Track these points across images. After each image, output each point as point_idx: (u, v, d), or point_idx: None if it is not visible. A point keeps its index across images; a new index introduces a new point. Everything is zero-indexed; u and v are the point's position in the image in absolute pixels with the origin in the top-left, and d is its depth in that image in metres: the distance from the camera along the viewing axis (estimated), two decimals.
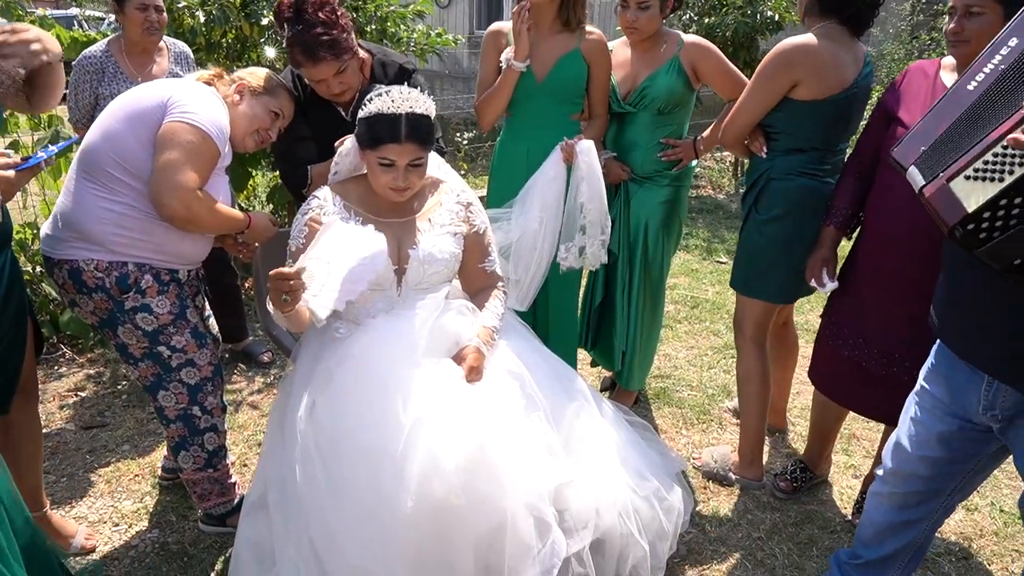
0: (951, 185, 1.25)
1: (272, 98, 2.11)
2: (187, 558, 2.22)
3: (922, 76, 2.01)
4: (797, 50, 2.20)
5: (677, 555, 2.24)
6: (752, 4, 5.98)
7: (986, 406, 1.49)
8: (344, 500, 1.69)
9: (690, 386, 3.32)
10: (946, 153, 1.30)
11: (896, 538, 1.82)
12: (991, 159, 1.19)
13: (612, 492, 1.95)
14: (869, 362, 2.16)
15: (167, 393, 2.06)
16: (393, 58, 2.42)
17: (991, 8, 1.76)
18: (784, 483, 2.58)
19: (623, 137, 2.77)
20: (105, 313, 1.95)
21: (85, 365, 3.39)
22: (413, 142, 1.81)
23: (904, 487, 1.75)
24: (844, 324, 2.23)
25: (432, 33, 4.69)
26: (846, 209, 2.20)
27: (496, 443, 1.72)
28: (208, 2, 3.64)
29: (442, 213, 1.98)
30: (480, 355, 1.87)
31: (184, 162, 1.82)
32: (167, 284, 1.97)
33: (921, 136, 1.37)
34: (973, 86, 1.29)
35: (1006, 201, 1.18)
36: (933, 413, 1.64)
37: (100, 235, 1.88)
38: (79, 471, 2.63)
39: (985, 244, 1.22)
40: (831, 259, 2.25)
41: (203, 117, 1.88)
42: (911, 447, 1.70)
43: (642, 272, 2.82)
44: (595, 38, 2.56)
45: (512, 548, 1.71)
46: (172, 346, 2.00)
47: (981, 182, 1.21)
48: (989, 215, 1.20)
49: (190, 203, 1.83)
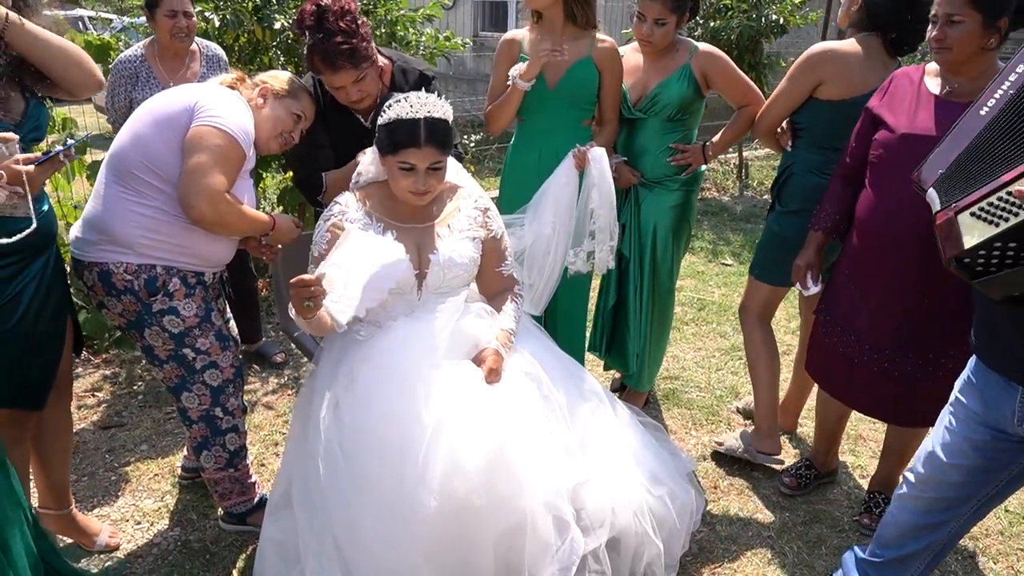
0: (958, 218, 1.32)
1: (294, 100, 2.16)
2: (209, 556, 2.26)
3: (907, 82, 2.09)
4: (824, 53, 2.37)
5: (689, 553, 2.28)
6: (757, 8, 6.02)
7: (1021, 417, 1.52)
8: (367, 498, 1.73)
9: (698, 387, 3.36)
10: (959, 183, 1.36)
11: (918, 540, 1.84)
12: (996, 202, 1.26)
13: (627, 492, 1.98)
14: (861, 358, 2.22)
15: (190, 395, 2.10)
16: (413, 65, 2.46)
17: (970, 16, 1.84)
18: (789, 479, 2.63)
19: (633, 142, 2.81)
20: (133, 315, 1.99)
21: (101, 366, 3.43)
22: (432, 146, 1.85)
23: (934, 492, 1.78)
24: (838, 321, 2.29)
25: (440, 36, 4.73)
26: (834, 215, 2.29)
27: (515, 443, 1.77)
28: (222, 7, 3.68)
29: (461, 218, 2.02)
30: (499, 357, 1.91)
31: (212, 165, 1.86)
32: (194, 287, 2.02)
33: (940, 159, 1.43)
34: (984, 111, 1.34)
35: (1000, 244, 1.26)
36: (967, 424, 1.67)
37: (130, 238, 1.92)
38: (99, 470, 2.67)
39: (980, 277, 1.30)
40: (816, 263, 2.35)
41: (230, 121, 1.92)
42: (945, 455, 1.72)
43: (651, 274, 2.86)
44: (607, 46, 2.61)
45: (532, 547, 1.76)
46: (197, 348, 2.05)
47: (983, 222, 1.28)
48: (984, 253, 1.28)
49: (218, 205, 1.87)
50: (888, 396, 2.22)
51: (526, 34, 2.65)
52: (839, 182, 2.29)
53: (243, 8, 3.73)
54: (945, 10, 1.87)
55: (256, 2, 3.82)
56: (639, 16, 2.60)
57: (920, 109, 2.01)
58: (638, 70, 2.75)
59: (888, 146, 2.06)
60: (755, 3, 6.01)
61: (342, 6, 2.13)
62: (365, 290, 1.73)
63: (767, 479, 2.71)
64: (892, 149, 2.04)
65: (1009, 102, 1.29)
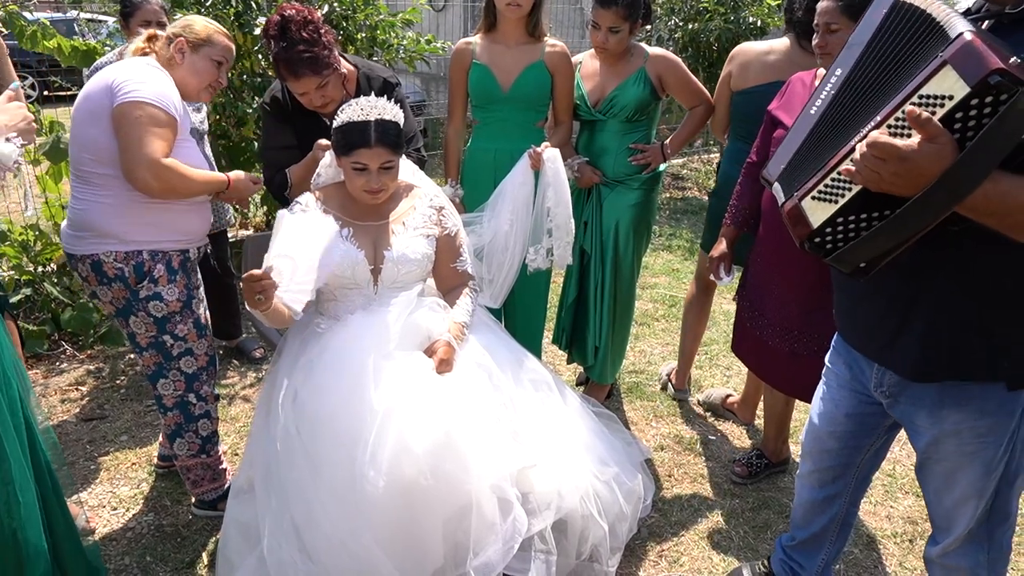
0: (802, 204, 1.45)
1: (211, 47, 2.16)
2: (180, 539, 2.37)
3: (800, 85, 2.28)
4: (737, 49, 2.81)
5: (639, 537, 2.40)
6: (736, 11, 6.14)
7: (875, 384, 1.66)
8: (322, 480, 1.84)
9: (662, 381, 3.47)
10: (798, 173, 1.49)
11: (822, 515, 1.98)
12: (830, 183, 1.39)
13: (574, 476, 2.09)
14: (773, 340, 2.40)
15: (166, 381, 2.24)
16: (377, 72, 2.57)
17: (845, 24, 2.11)
18: (740, 468, 2.76)
19: (594, 143, 2.93)
20: (122, 302, 2.13)
21: (85, 361, 3.54)
22: (383, 146, 1.97)
23: (820, 463, 1.92)
24: (753, 304, 2.48)
25: (422, 40, 4.84)
26: (745, 209, 2.50)
27: (462, 429, 1.87)
28: (202, 13, 3.79)
29: (415, 217, 2.13)
30: (450, 348, 2.02)
31: (141, 136, 1.95)
32: (176, 271, 2.15)
33: (783, 155, 1.56)
34: (814, 110, 1.49)
35: (842, 218, 1.38)
36: (839, 390, 1.81)
37: (109, 228, 2.06)
38: (79, 460, 2.78)
39: (831, 254, 1.42)
40: (728, 256, 2.54)
41: (147, 90, 1.98)
42: (820, 424, 1.88)
43: (613, 270, 2.97)
44: (558, 50, 2.73)
45: (478, 526, 1.86)
46: (175, 335, 2.19)
47: (823, 202, 1.41)
48: (830, 230, 1.40)
49: (160, 172, 1.97)
50: (798, 375, 2.39)
51: (479, 40, 2.78)
52: (746, 179, 2.49)
53: (224, 14, 3.84)
54: (825, 20, 2.14)
55: (237, 8, 3.93)
56: (594, 25, 2.72)
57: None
58: (597, 74, 2.87)
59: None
60: (733, 6, 6.12)
61: (304, 17, 2.24)
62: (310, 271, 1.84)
63: (721, 468, 2.83)
64: None
65: (831, 100, 1.43)
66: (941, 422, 1.56)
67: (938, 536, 1.73)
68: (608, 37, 2.70)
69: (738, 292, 2.59)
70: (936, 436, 1.58)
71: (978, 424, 1.52)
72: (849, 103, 1.40)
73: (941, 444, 1.59)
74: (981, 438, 1.53)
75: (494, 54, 2.75)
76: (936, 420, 1.57)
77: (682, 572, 2.31)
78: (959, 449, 1.56)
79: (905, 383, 1.59)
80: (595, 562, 2.12)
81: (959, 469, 1.59)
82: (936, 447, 1.60)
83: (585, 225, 2.94)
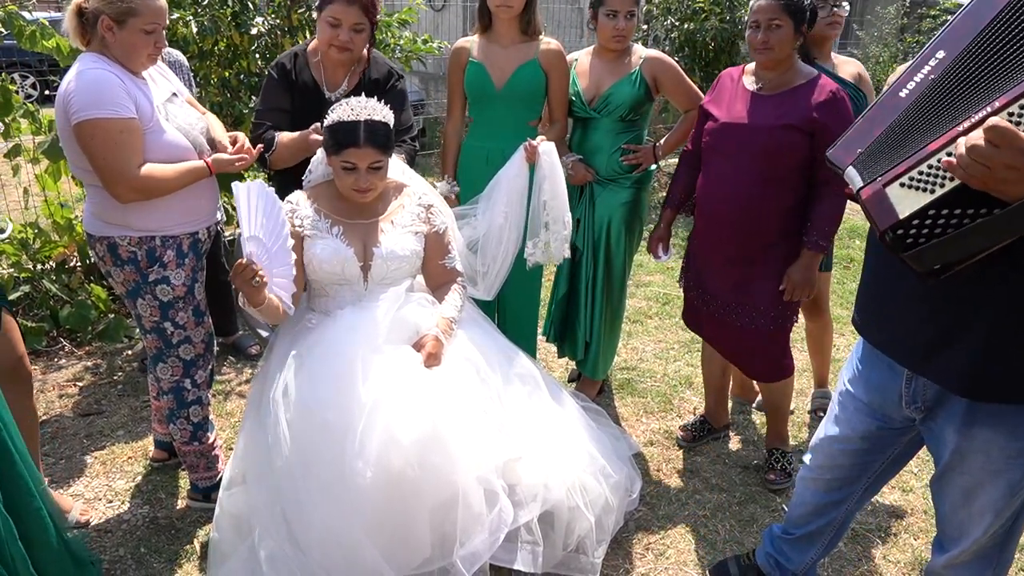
0: (887, 190, 1.32)
1: (136, 17, 2.01)
2: (174, 531, 2.41)
3: (729, 80, 2.51)
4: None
5: (626, 530, 2.43)
6: (731, 11, 6.17)
7: (908, 400, 1.61)
8: (311, 471, 1.88)
9: (653, 377, 3.51)
10: (883, 157, 1.37)
11: (822, 517, 1.98)
12: (925, 170, 1.27)
13: (561, 469, 2.13)
14: (710, 311, 2.63)
15: (164, 365, 2.32)
16: (386, 61, 2.63)
17: (786, 21, 2.27)
18: (684, 432, 3.00)
19: (587, 142, 2.96)
20: (132, 284, 2.21)
21: (83, 357, 3.58)
22: (371, 146, 2.00)
23: (829, 474, 1.91)
24: (693, 280, 2.71)
25: (418, 40, 4.88)
26: (680, 194, 2.74)
27: (449, 422, 1.91)
28: (200, 13, 3.83)
29: (404, 215, 2.17)
30: (438, 343, 2.06)
31: (105, 155, 1.99)
32: (186, 254, 2.23)
33: (857, 139, 1.44)
34: (905, 94, 1.36)
35: (934, 211, 1.26)
36: (855, 414, 1.77)
37: (122, 218, 2.13)
38: (76, 454, 2.82)
39: (911, 249, 1.30)
40: (665, 236, 2.80)
41: (93, 105, 1.95)
42: (835, 443, 1.85)
43: (605, 267, 3.01)
44: (552, 48, 2.77)
45: (464, 517, 1.90)
46: (176, 322, 2.26)
47: (914, 191, 1.28)
48: (918, 223, 1.28)
49: (136, 185, 2.03)
50: (732, 345, 2.65)
51: (475, 40, 2.81)
52: (683, 167, 2.73)
53: (221, 14, 3.88)
54: (767, 16, 2.28)
55: (234, 9, 3.96)
56: (610, 13, 2.74)
57: (737, 102, 2.39)
58: (593, 72, 2.90)
59: (712, 133, 2.47)
60: (729, 6, 6.15)
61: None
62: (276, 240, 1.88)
63: (709, 463, 2.86)
64: (715, 136, 2.46)
65: (932, 84, 1.32)
66: (971, 440, 1.51)
67: (946, 544, 1.68)
68: (626, 24, 2.75)
69: (682, 271, 2.80)
70: (963, 450, 1.54)
71: (1009, 445, 1.47)
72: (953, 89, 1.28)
73: (967, 459, 1.54)
74: (1010, 459, 1.48)
75: (489, 53, 2.79)
76: (965, 437, 1.52)
77: (668, 564, 2.35)
78: (985, 467, 1.52)
79: (944, 397, 1.53)
80: (582, 553, 2.15)
81: (981, 486, 1.54)
82: (961, 460, 1.55)
83: (577, 223, 2.97)
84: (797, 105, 2.30)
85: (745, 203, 2.38)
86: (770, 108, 2.33)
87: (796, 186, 2.36)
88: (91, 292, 3.77)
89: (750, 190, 2.36)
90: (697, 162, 2.60)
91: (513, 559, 2.00)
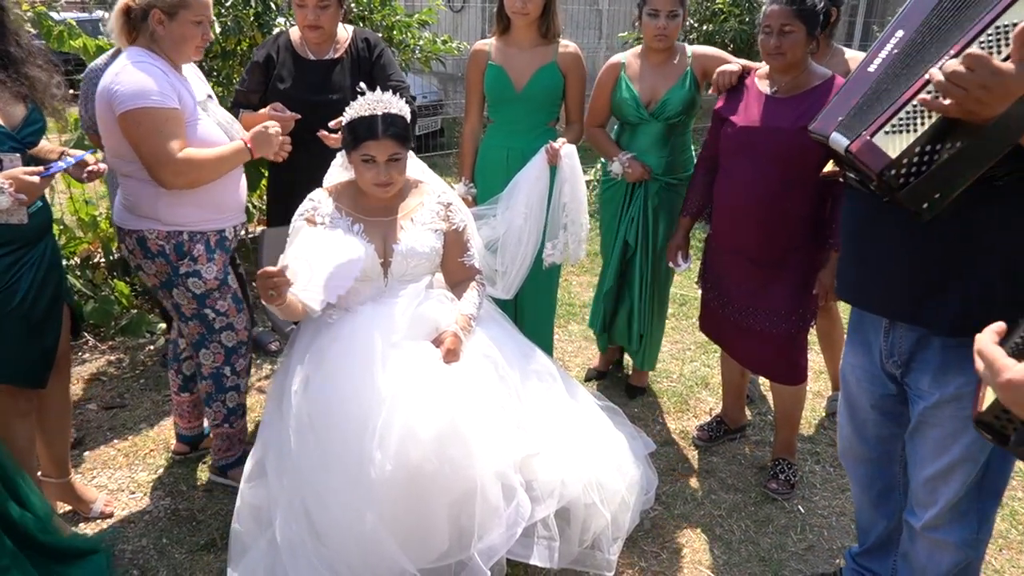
0: (874, 140, 1.47)
1: (187, 9, 2.13)
2: (195, 522, 2.45)
3: (741, 84, 2.52)
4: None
5: (641, 528, 2.44)
6: (750, 12, 6.16)
7: (887, 353, 1.70)
8: (332, 464, 1.91)
9: (670, 378, 3.51)
10: (863, 118, 1.52)
11: (880, 515, 2.01)
12: (904, 116, 1.43)
13: (577, 466, 2.14)
14: (733, 316, 2.61)
15: (207, 351, 2.40)
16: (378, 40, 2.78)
17: (798, 27, 2.27)
18: (700, 432, 3.01)
19: (636, 143, 2.93)
20: (164, 276, 2.27)
21: (107, 352, 3.64)
22: (390, 138, 2.04)
23: (858, 464, 1.97)
24: (711, 284, 2.70)
25: (438, 40, 4.92)
26: (697, 201, 2.71)
27: (467, 417, 1.93)
28: (223, 14, 3.88)
29: (423, 212, 2.20)
30: (457, 339, 2.08)
31: (151, 142, 2.06)
32: (215, 250, 2.28)
33: (836, 110, 1.59)
34: (873, 68, 1.54)
35: (919, 148, 1.40)
36: (858, 386, 1.85)
37: (152, 211, 2.19)
38: (100, 446, 2.87)
39: (904, 187, 1.42)
40: (684, 245, 2.77)
41: (138, 95, 2.03)
42: (847, 424, 1.93)
43: (654, 262, 3.03)
44: (571, 51, 2.78)
45: (482, 511, 1.92)
46: (216, 309, 2.33)
47: (898, 134, 1.43)
48: (907, 160, 1.41)
49: (180, 170, 2.09)
50: (751, 348, 2.63)
51: (494, 43, 2.84)
52: (699, 174, 2.69)
53: (244, 15, 3.93)
54: (780, 22, 2.28)
55: (257, 9, 4.01)
56: (652, 12, 2.71)
57: (752, 106, 2.40)
58: (645, 76, 2.86)
59: (730, 138, 2.47)
60: (748, 7, 6.14)
61: None
62: (328, 279, 1.91)
63: (725, 464, 2.87)
64: (733, 140, 2.46)
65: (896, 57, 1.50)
66: (944, 387, 1.61)
67: (918, 511, 1.75)
68: (668, 23, 2.71)
69: (700, 276, 2.79)
70: (936, 401, 1.63)
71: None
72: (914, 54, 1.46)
73: (940, 409, 1.63)
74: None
75: (508, 56, 2.81)
76: (939, 384, 1.61)
77: (683, 563, 2.35)
78: (957, 413, 1.60)
79: (917, 347, 1.63)
80: (597, 550, 2.16)
81: (954, 435, 1.62)
82: (934, 411, 1.64)
83: (632, 220, 2.98)
84: (814, 107, 2.28)
85: (768, 206, 2.38)
86: (787, 111, 2.33)
87: (817, 188, 2.36)
88: (114, 288, 3.83)
89: (772, 193, 2.35)
90: (714, 168, 2.59)
91: (529, 554, 2.01)
